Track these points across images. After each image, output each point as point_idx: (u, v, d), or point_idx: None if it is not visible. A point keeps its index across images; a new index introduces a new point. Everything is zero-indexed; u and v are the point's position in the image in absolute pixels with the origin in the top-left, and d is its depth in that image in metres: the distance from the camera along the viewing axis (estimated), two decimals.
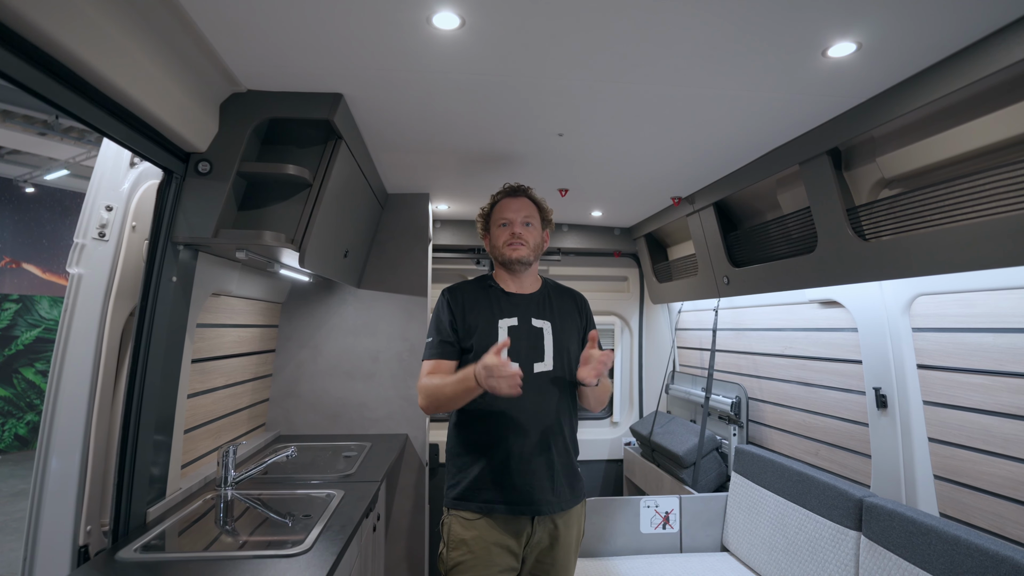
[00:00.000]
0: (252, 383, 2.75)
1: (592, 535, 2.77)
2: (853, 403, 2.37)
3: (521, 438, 1.69)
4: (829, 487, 2.20)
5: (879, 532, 1.92)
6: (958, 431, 1.90)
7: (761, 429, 3.07)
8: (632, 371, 4.34)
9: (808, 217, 2.19)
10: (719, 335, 3.44)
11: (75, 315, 1.68)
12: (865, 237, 1.93)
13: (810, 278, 2.22)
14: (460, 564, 1.67)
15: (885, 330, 2.11)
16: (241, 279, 2.29)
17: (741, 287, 2.79)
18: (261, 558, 1.43)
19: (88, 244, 1.71)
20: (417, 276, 3.22)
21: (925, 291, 1.98)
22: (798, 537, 2.31)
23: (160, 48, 1.41)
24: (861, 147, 1.94)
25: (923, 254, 1.68)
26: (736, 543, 2.72)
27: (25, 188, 7.54)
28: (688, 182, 2.85)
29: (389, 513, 3.06)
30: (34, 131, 5.72)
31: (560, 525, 1.75)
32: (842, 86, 1.68)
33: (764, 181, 2.46)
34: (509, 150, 2.39)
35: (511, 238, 1.80)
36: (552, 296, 1.89)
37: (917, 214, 1.72)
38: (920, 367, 2.03)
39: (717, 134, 2.14)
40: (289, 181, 1.88)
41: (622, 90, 1.76)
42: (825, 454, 2.57)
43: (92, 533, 1.66)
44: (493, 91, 1.78)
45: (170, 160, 1.63)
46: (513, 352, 1.71)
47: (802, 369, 2.72)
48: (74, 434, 1.64)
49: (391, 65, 1.61)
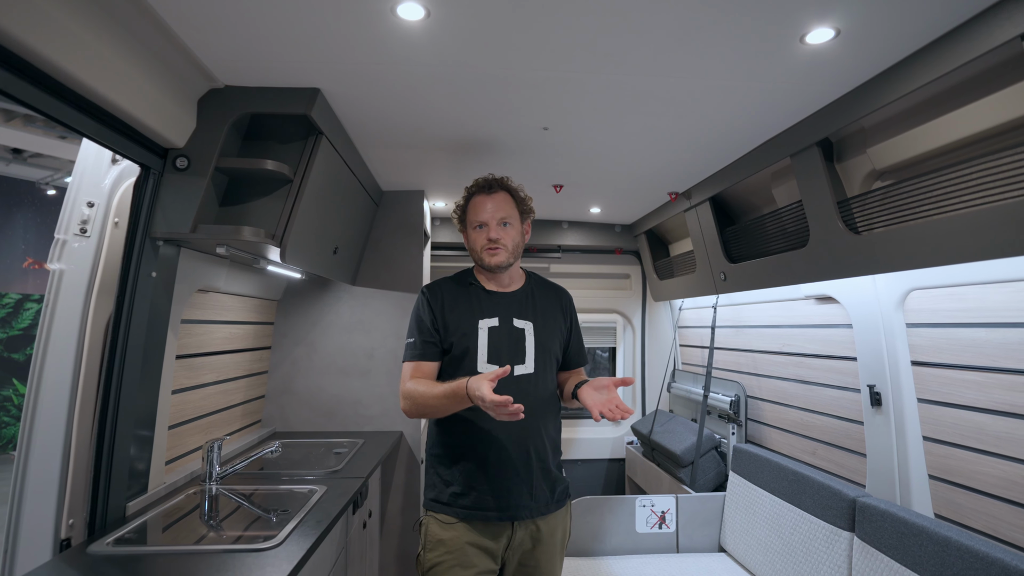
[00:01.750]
0: (246, 379, 2.77)
1: (586, 534, 2.74)
2: (849, 401, 2.31)
3: (499, 442, 1.65)
4: (824, 487, 2.15)
5: (871, 533, 1.87)
6: (952, 429, 1.84)
7: (760, 428, 3.02)
8: (635, 369, 4.30)
9: (801, 211, 2.14)
10: (719, 332, 3.39)
11: (56, 311, 1.69)
12: (857, 230, 1.88)
13: (803, 273, 2.17)
14: (438, 565, 1.63)
15: (879, 326, 2.06)
16: (230, 276, 2.30)
17: (737, 283, 2.75)
18: (230, 552, 1.43)
19: (69, 240, 1.73)
20: (412, 273, 3.21)
21: (918, 285, 1.92)
22: (793, 538, 2.26)
23: (131, 46, 1.42)
24: (852, 138, 1.89)
25: (915, 246, 1.63)
26: (733, 544, 2.68)
27: (47, 190, 7.70)
28: (683, 177, 2.81)
29: (384, 511, 3.06)
30: (55, 134, 5.83)
31: (542, 527, 1.71)
32: (825, 75, 1.64)
33: (759, 175, 2.41)
34: (496, 145, 2.37)
35: (488, 243, 1.70)
36: (536, 294, 1.82)
37: (908, 205, 1.66)
38: (914, 364, 1.97)
39: (706, 127, 2.10)
40: (270, 177, 1.88)
41: (601, 81, 1.73)
42: (822, 453, 2.51)
43: (75, 526, 1.68)
44: (469, 83, 1.76)
45: (146, 156, 1.63)
46: (493, 354, 1.68)
47: (800, 367, 2.66)
48: (55, 429, 1.66)
49: (363, 58, 1.60)
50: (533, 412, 1.67)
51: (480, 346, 1.68)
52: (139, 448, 1.75)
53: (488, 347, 1.68)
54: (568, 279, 4.20)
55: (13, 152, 6.31)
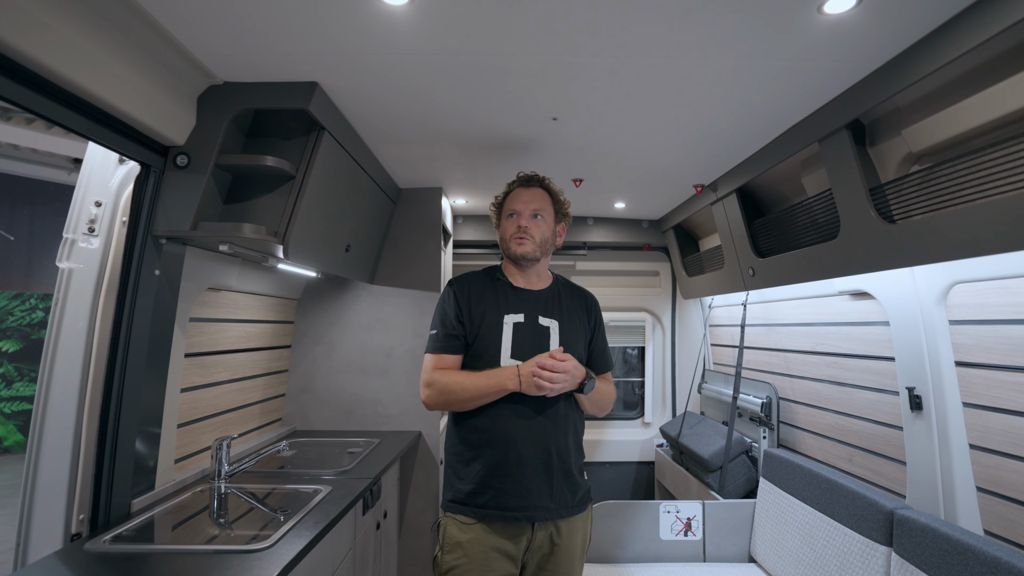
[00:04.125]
0: (265, 378, 2.79)
1: (608, 540, 2.64)
2: (887, 404, 2.14)
3: (519, 442, 1.61)
4: (859, 496, 1.99)
5: (911, 549, 1.72)
6: (1003, 437, 1.66)
7: (793, 432, 2.85)
8: (665, 369, 4.16)
9: (831, 200, 1.99)
10: (749, 331, 3.22)
11: (66, 310, 1.72)
12: (892, 218, 1.72)
13: (833, 267, 2.02)
14: (455, 568, 1.59)
15: (919, 323, 1.89)
16: (242, 274, 2.31)
17: (766, 279, 2.59)
18: (220, 553, 1.41)
19: (78, 240, 1.76)
20: (430, 271, 3.18)
21: (962, 278, 1.74)
22: (826, 551, 2.11)
23: (124, 46, 1.43)
24: (886, 119, 1.74)
25: (958, 234, 1.46)
26: (764, 554, 2.53)
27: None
28: (708, 168, 2.68)
29: (402, 512, 3.03)
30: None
31: (563, 531, 1.66)
32: (850, 49, 1.50)
33: (788, 164, 2.26)
34: (508, 139, 2.30)
35: (517, 231, 1.71)
36: (562, 294, 1.80)
37: (950, 189, 1.50)
38: (958, 364, 1.80)
39: (725, 113, 1.98)
40: (273, 174, 1.87)
41: (606, 66, 1.64)
42: (859, 460, 2.34)
43: (85, 522, 1.70)
44: (465, 72, 1.70)
45: (146, 154, 1.64)
46: (517, 350, 1.65)
47: (834, 367, 2.49)
48: (66, 426, 1.68)
49: (354, 48, 1.55)
50: (556, 411, 1.64)
51: (504, 341, 1.66)
52: (145, 445, 1.76)
53: (512, 342, 1.66)
54: (595, 277, 4.09)
55: (74, 162, 6.65)
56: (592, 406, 1.75)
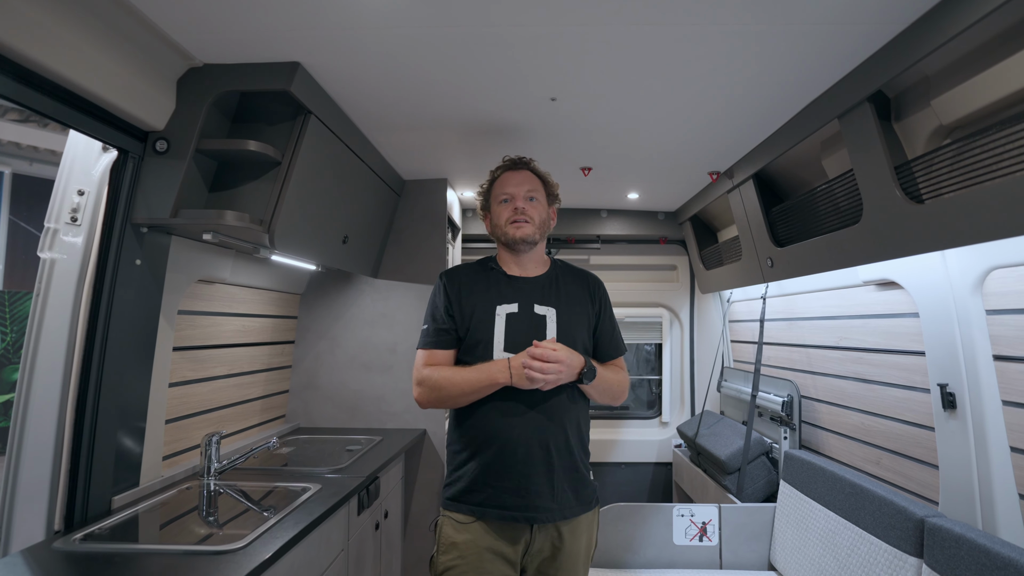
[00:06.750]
0: (266, 374, 2.74)
1: (617, 544, 2.52)
2: (917, 403, 1.97)
3: (514, 439, 1.52)
4: (886, 503, 1.84)
5: (944, 561, 1.56)
6: None
7: (816, 432, 2.68)
8: (683, 366, 4.01)
9: (853, 181, 1.84)
10: (769, 326, 3.06)
11: (48, 301, 1.68)
12: (920, 198, 1.57)
13: (856, 254, 1.86)
14: (451, 569, 1.52)
15: (951, 314, 1.72)
16: (236, 267, 2.25)
17: (785, 269, 2.44)
18: (190, 554, 1.34)
19: (60, 229, 1.71)
20: (435, 264, 3.09)
21: (1001, 263, 1.58)
22: (850, 561, 1.96)
23: (97, 29, 1.38)
24: (913, 90, 1.59)
25: (996, 213, 1.30)
26: (784, 562, 2.38)
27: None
28: (723, 153, 2.53)
29: (407, 511, 2.95)
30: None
31: (565, 534, 1.55)
32: (871, 9, 1.36)
33: (806, 146, 2.12)
34: (508, 123, 2.20)
35: (514, 214, 1.63)
36: (560, 279, 1.70)
37: (986, 163, 1.34)
38: (997, 358, 1.63)
39: (739, 87, 1.84)
40: (257, 160, 1.80)
41: (602, 36, 1.52)
42: (887, 463, 2.17)
43: (61, 518, 1.65)
44: (453, 48, 1.60)
45: (123, 139, 1.58)
46: (511, 342, 1.56)
47: (859, 363, 2.32)
48: (47, 419, 1.64)
49: (335, 22, 1.47)
50: (553, 405, 1.55)
51: (497, 333, 1.58)
52: (128, 440, 1.71)
53: (506, 334, 1.57)
54: (609, 271, 3.96)
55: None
56: (600, 395, 1.64)
